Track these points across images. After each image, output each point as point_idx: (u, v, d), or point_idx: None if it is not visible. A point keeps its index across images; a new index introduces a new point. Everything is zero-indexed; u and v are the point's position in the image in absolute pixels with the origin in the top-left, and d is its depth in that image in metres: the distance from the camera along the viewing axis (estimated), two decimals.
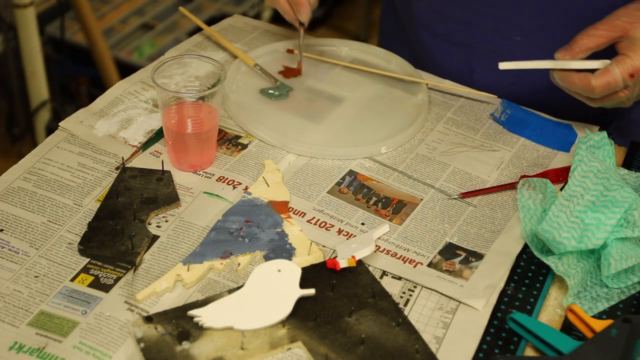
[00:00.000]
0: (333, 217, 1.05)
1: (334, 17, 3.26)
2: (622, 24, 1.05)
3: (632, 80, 1.03)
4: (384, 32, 1.48)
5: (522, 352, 0.90)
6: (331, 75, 1.28)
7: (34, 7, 2.20)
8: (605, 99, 1.07)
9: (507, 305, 0.95)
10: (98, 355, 0.86)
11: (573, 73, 1.07)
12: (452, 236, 1.03)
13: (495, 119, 1.22)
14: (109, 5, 2.85)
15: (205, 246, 0.99)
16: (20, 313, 0.90)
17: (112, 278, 0.95)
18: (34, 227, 1.00)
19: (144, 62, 2.60)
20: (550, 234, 0.96)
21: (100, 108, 1.19)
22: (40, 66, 2.27)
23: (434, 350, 0.89)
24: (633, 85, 1.04)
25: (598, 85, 1.04)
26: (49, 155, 1.10)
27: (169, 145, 1.10)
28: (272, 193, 1.06)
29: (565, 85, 1.08)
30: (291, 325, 0.90)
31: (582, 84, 1.06)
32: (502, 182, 1.11)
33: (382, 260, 0.99)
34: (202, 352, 0.86)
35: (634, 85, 1.04)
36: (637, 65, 1.03)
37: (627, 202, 0.97)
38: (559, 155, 1.16)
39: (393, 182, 1.11)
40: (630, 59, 1.03)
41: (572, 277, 0.95)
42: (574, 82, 1.06)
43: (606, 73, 1.04)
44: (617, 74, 1.03)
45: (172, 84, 1.10)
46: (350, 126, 1.18)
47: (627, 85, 1.04)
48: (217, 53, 1.32)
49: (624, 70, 1.03)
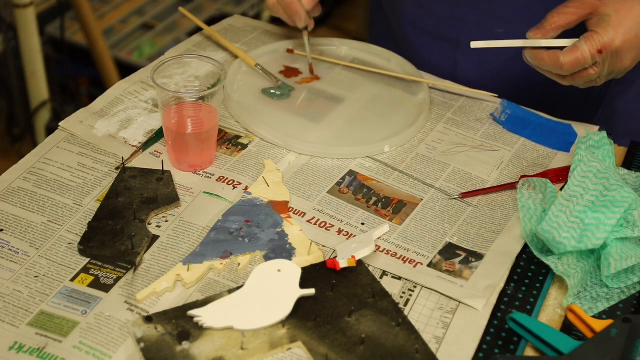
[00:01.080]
0: (333, 217, 1.05)
1: (334, 17, 3.26)
2: (592, 1, 1.05)
3: (600, 56, 1.04)
4: (372, 30, 1.49)
5: (522, 352, 0.90)
6: (331, 75, 1.28)
7: (34, 7, 2.20)
8: (576, 77, 1.07)
9: (507, 305, 0.95)
10: (98, 355, 0.86)
11: (543, 51, 1.07)
12: (452, 236, 1.03)
13: (495, 119, 1.22)
14: (109, 5, 2.85)
15: (205, 246, 0.99)
16: (20, 313, 0.90)
17: (112, 278, 0.95)
18: (34, 227, 1.00)
19: (144, 62, 2.59)
20: (550, 234, 0.96)
21: (100, 108, 1.19)
22: (40, 66, 2.27)
23: (434, 350, 0.89)
24: (602, 61, 1.04)
25: (567, 61, 1.05)
26: (49, 155, 1.10)
27: (169, 145, 1.10)
28: (272, 193, 1.06)
29: (535, 64, 1.09)
30: (291, 325, 0.90)
31: (552, 61, 1.06)
32: (502, 182, 1.11)
33: (382, 260, 0.99)
34: (202, 352, 0.86)
35: (603, 62, 1.04)
36: (605, 42, 1.03)
37: (626, 202, 0.97)
38: (559, 155, 1.16)
39: (393, 182, 1.11)
40: (599, 35, 1.03)
41: (572, 277, 0.95)
42: (544, 60, 1.07)
43: (574, 50, 1.04)
44: (585, 50, 1.03)
45: (172, 84, 1.10)
46: (351, 125, 1.18)
47: (597, 62, 1.05)
48: (217, 53, 1.32)
49: (592, 46, 1.03)
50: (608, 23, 1.03)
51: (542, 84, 1.16)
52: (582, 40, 1.04)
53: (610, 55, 1.03)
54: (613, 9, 1.03)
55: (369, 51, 1.33)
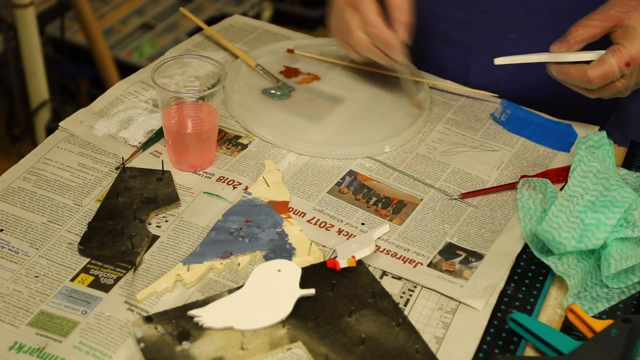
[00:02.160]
0: (333, 217, 1.05)
1: None
2: (615, 14, 1.05)
3: (628, 69, 1.03)
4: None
5: (522, 352, 0.90)
6: (331, 75, 1.28)
7: (34, 7, 2.20)
8: (603, 89, 1.07)
9: (507, 305, 0.95)
10: (98, 355, 0.86)
11: (569, 65, 1.07)
12: (452, 236, 1.03)
13: (495, 119, 1.22)
14: (109, 5, 2.85)
15: (205, 246, 0.99)
16: (20, 313, 0.90)
17: (112, 278, 0.95)
18: (34, 227, 1.00)
19: (144, 62, 2.60)
20: (550, 234, 0.96)
21: (100, 108, 1.19)
22: (40, 66, 2.27)
23: (434, 350, 0.89)
24: (630, 74, 1.04)
25: (595, 75, 1.04)
26: (49, 155, 1.10)
27: (169, 145, 1.10)
28: (272, 193, 1.06)
29: (562, 78, 1.08)
30: (291, 325, 0.90)
31: (579, 76, 1.06)
32: (502, 182, 1.11)
33: (382, 260, 0.99)
34: (202, 352, 0.86)
35: (631, 75, 1.04)
36: (633, 54, 1.02)
37: (626, 202, 0.97)
38: (559, 155, 1.16)
39: (393, 182, 1.11)
40: (626, 47, 1.03)
41: (572, 277, 0.95)
42: (571, 74, 1.07)
43: (602, 63, 1.04)
44: (613, 63, 1.03)
45: (172, 84, 1.09)
46: (351, 125, 1.18)
47: (624, 75, 1.04)
48: (217, 53, 1.32)
49: (620, 59, 1.03)
50: (634, 35, 1.03)
51: (556, 89, 1.15)
52: (609, 53, 1.03)
53: (637, 67, 1.03)
54: (638, 20, 1.03)
55: None
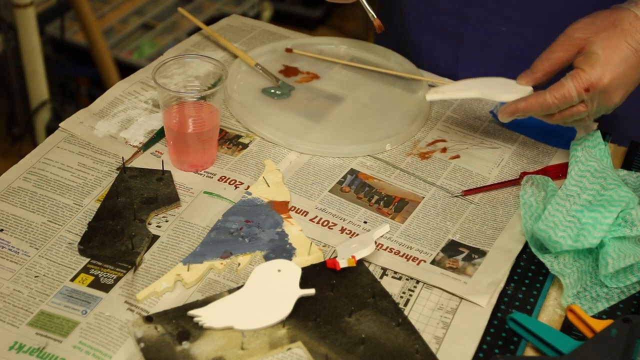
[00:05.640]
0: (335, 216, 1.05)
1: (333, 17, 3.26)
2: (577, 41, 1.04)
3: (588, 95, 1.02)
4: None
5: (522, 352, 0.90)
6: (331, 73, 1.28)
7: (34, 7, 2.20)
8: (564, 114, 1.05)
9: (507, 305, 0.95)
10: (98, 355, 0.86)
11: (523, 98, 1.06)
12: (454, 234, 1.03)
13: (495, 116, 1.22)
14: (109, 5, 2.85)
15: (206, 246, 0.98)
16: (20, 313, 0.90)
17: (112, 278, 0.95)
18: (34, 227, 1.00)
19: (144, 62, 2.59)
20: (546, 232, 0.96)
21: (100, 108, 1.19)
22: (40, 66, 2.27)
23: (434, 350, 0.89)
24: (590, 99, 1.02)
25: (554, 99, 1.03)
26: (49, 155, 1.10)
27: (170, 145, 1.10)
28: (272, 193, 1.06)
29: (519, 115, 1.07)
30: (291, 325, 0.90)
31: (538, 102, 1.04)
32: (503, 179, 1.11)
33: (385, 258, 0.99)
34: (202, 352, 0.86)
35: (592, 100, 1.03)
36: (592, 81, 1.01)
37: (624, 201, 0.97)
38: (559, 152, 1.17)
39: (394, 180, 1.11)
40: (586, 73, 1.01)
41: (567, 276, 0.95)
42: (529, 103, 1.05)
43: (560, 87, 1.02)
44: (571, 88, 1.02)
45: (172, 84, 1.09)
46: (352, 124, 1.19)
47: (584, 100, 1.03)
48: (216, 53, 1.32)
49: (579, 84, 1.01)
50: (595, 60, 1.01)
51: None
52: (568, 77, 1.02)
53: (599, 94, 1.02)
54: (600, 45, 1.02)
55: (368, 49, 1.33)
